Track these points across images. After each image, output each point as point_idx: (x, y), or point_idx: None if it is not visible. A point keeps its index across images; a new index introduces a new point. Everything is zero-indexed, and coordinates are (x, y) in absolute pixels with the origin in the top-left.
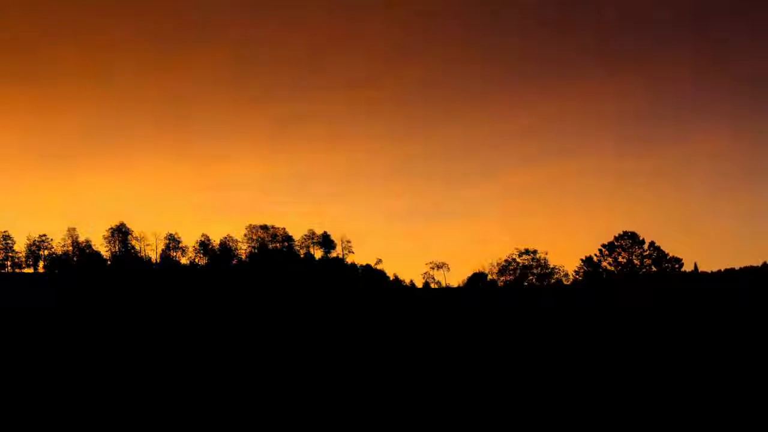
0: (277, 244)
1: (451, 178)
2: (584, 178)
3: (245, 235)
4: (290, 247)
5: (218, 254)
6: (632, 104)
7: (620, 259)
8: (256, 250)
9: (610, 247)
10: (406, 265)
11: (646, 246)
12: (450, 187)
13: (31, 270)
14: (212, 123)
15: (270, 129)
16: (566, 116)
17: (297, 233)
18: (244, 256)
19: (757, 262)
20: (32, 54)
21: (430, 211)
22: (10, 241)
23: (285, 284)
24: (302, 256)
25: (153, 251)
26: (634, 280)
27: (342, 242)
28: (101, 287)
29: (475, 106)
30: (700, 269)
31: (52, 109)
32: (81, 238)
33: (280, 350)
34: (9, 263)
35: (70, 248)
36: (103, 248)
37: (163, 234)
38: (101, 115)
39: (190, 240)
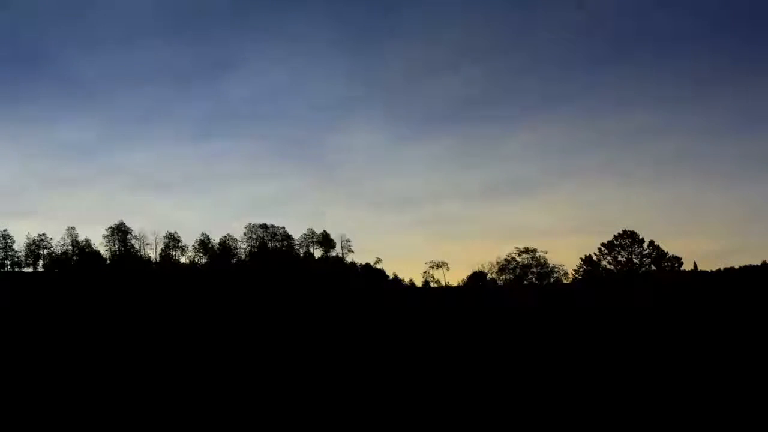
0: (277, 243)
1: (450, 176)
2: (585, 177)
3: (245, 234)
4: (290, 246)
5: (218, 253)
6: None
7: (620, 258)
8: (255, 250)
9: (609, 246)
10: (406, 264)
11: (645, 245)
12: (450, 186)
13: (30, 269)
14: None
15: None
16: None
17: (297, 232)
18: (243, 255)
19: (757, 262)
20: None
21: (430, 210)
22: (9, 240)
23: (285, 283)
24: (302, 255)
25: (153, 250)
26: (633, 279)
27: (341, 241)
28: (101, 286)
29: None
30: (700, 269)
31: None
32: (80, 237)
33: (279, 350)
34: (9, 262)
35: (70, 247)
36: (102, 248)
37: (163, 233)
38: None
39: (189, 239)
